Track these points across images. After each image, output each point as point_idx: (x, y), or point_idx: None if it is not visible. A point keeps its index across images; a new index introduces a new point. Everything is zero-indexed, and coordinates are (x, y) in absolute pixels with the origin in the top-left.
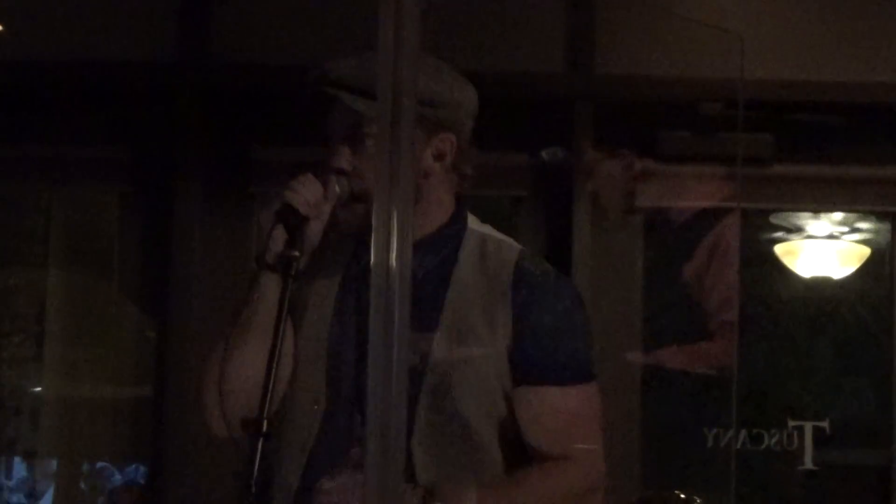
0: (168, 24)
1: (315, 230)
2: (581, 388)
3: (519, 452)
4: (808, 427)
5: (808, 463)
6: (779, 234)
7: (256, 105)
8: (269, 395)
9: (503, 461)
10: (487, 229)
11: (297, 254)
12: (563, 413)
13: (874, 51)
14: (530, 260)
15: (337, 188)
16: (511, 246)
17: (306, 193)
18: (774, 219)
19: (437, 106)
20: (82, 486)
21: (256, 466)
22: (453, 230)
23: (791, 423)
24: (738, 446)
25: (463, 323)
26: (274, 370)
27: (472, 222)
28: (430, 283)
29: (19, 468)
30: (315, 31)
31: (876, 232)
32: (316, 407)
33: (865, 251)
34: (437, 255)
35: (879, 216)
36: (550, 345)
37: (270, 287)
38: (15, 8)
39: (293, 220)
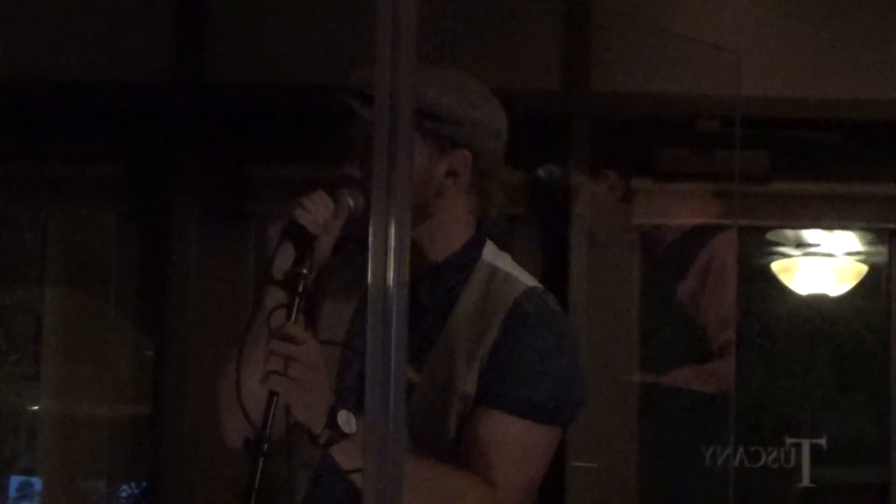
0: (164, 44)
1: (324, 247)
2: (535, 427)
3: None
4: (806, 444)
5: (806, 480)
6: (775, 252)
7: (252, 124)
8: (271, 415)
9: None
10: (502, 261)
11: (304, 271)
12: (508, 443)
13: (870, 68)
14: (532, 298)
15: (351, 202)
16: (517, 282)
17: (316, 211)
18: (771, 236)
19: (445, 121)
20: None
21: (256, 487)
22: (465, 260)
23: (789, 441)
24: (736, 464)
25: (451, 357)
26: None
27: (488, 252)
28: (431, 316)
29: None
30: (310, 50)
31: (873, 249)
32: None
33: (862, 268)
34: (444, 286)
35: (876, 233)
36: (522, 376)
37: (277, 302)
38: (12, 27)
39: (302, 238)
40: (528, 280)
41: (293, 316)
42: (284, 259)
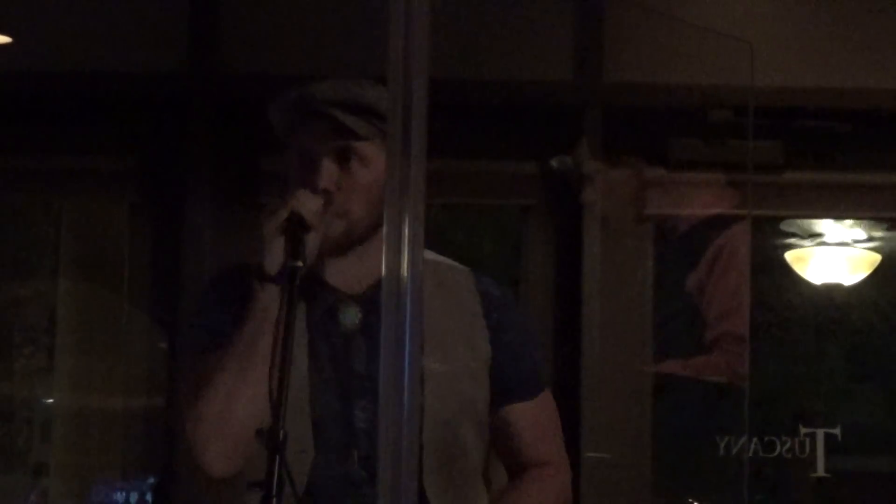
0: (177, 35)
1: (314, 243)
2: (547, 394)
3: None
4: (820, 434)
5: (821, 470)
6: (789, 241)
7: (266, 115)
8: (283, 404)
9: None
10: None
11: (300, 264)
12: (544, 422)
13: (884, 57)
14: (487, 281)
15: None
16: (459, 267)
17: (312, 203)
18: (785, 226)
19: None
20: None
21: (276, 477)
22: None
23: (803, 431)
24: (750, 454)
25: (444, 347)
26: (286, 379)
27: None
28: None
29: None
30: (324, 41)
31: (887, 238)
32: (303, 454)
33: (876, 258)
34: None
35: (890, 223)
36: (527, 361)
37: (273, 299)
38: (24, 18)
39: (298, 231)
40: (451, 261)
41: (285, 309)
42: (276, 254)
